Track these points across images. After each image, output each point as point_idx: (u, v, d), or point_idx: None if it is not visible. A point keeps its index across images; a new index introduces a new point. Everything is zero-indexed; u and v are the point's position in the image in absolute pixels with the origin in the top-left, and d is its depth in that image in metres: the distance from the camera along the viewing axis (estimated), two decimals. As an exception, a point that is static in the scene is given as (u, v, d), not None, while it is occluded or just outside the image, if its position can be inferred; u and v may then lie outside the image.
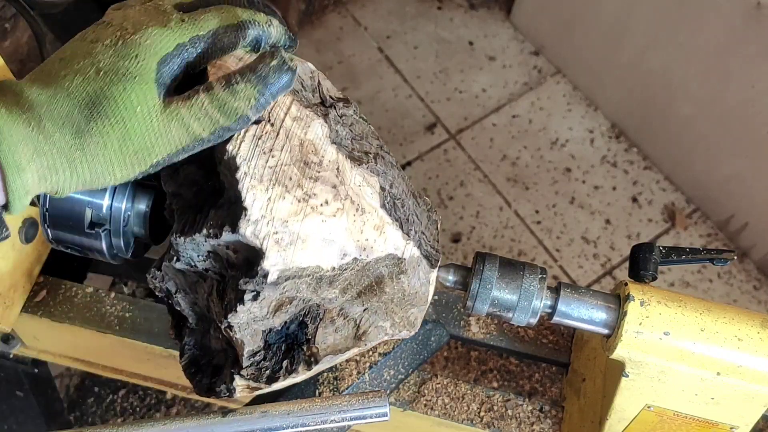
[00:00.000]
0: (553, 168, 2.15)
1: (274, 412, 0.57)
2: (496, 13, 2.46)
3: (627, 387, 0.66)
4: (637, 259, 0.66)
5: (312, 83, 0.57)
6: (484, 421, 0.83)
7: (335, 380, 0.79)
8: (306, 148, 0.51)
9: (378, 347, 0.81)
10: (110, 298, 0.92)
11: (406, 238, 0.57)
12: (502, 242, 2.01)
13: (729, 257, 0.66)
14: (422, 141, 2.18)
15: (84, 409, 1.72)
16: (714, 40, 1.81)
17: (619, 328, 0.62)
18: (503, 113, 2.25)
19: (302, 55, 0.57)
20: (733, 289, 1.98)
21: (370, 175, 0.56)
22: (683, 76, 1.94)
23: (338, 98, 0.57)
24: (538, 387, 0.90)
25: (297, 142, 0.51)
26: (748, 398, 0.64)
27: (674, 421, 0.69)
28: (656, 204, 2.10)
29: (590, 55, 2.19)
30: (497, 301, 0.62)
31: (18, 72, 0.73)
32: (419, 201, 0.62)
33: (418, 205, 0.61)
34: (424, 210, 0.62)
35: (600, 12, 2.08)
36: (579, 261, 2.00)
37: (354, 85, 2.26)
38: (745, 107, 1.82)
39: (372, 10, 2.45)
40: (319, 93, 0.56)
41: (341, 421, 0.57)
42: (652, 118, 2.10)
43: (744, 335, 0.62)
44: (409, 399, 0.84)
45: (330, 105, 0.56)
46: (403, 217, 0.58)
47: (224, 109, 0.46)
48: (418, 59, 2.34)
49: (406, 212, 0.58)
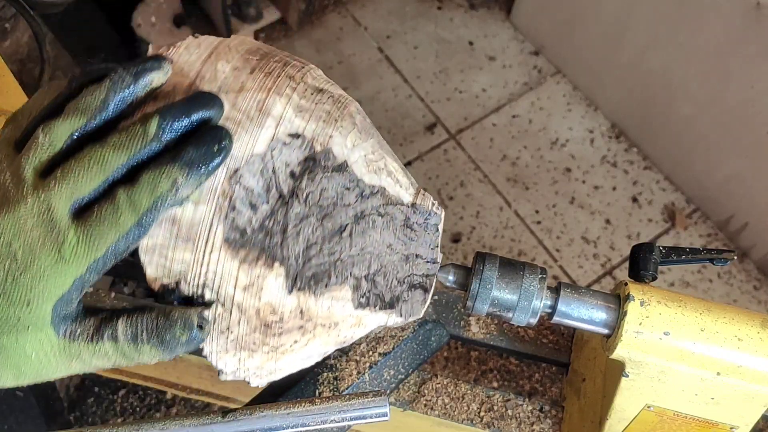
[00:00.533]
0: (553, 168, 2.15)
1: (274, 412, 0.57)
2: (496, 13, 2.46)
3: (627, 387, 0.66)
4: (637, 259, 0.66)
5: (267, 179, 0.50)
6: (484, 421, 0.83)
7: (335, 380, 0.79)
8: (263, 313, 0.51)
9: (378, 347, 0.81)
10: (110, 298, 0.92)
11: (389, 310, 0.57)
12: (502, 242, 2.01)
13: (729, 257, 0.66)
14: (422, 141, 2.18)
15: (84, 409, 1.72)
16: (714, 40, 1.81)
17: (619, 328, 0.62)
18: (503, 113, 2.25)
19: (302, 55, 0.57)
20: (733, 289, 1.98)
21: (339, 288, 0.53)
22: (683, 76, 1.94)
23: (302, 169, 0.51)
24: (538, 387, 0.90)
25: (253, 312, 0.51)
26: (748, 398, 0.64)
27: (674, 421, 0.69)
28: (656, 204, 2.10)
29: (590, 55, 2.19)
30: (497, 301, 0.62)
31: (18, 72, 0.73)
32: (411, 228, 0.58)
33: (410, 239, 0.58)
34: (421, 233, 0.59)
35: (600, 12, 2.08)
36: (579, 261, 2.00)
37: (354, 85, 2.26)
38: (745, 107, 1.82)
39: (372, 10, 2.45)
40: (275, 186, 0.50)
41: (341, 421, 0.57)
42: (652, 118, 2.10)
43: (744, 335, 0.62)
44: (409, 399, 0.84)
45: (291, 195, 0.50)
46: (384, 288, 0.56)
47: (128, 356, 0.44)
48: (418, 59, 2.35)
49: (388, 281, 0.57)
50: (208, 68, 0.51)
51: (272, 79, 0.52)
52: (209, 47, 0.53)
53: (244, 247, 0.49)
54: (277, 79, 0.52)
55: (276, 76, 0.52)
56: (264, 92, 0.51)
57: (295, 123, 0.51)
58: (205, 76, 0.50)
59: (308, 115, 0.52)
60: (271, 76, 0.52)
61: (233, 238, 0.48)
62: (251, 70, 0.52)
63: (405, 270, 0.58)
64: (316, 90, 0.54)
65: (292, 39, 2.31)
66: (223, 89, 0.50)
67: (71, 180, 0.41)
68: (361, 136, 0.55)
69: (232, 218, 0.48)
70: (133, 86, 0.44)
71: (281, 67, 0.53)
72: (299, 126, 0.51)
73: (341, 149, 0.52)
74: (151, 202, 0.41)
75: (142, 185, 0.41)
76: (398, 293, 0.58)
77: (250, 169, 0.48)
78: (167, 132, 0.43)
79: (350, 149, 0.53)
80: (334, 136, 0.52)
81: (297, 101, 0.52)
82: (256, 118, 0.49)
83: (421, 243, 0.59)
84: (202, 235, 0.48)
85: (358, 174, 0.53)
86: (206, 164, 0.43)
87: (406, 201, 0.57)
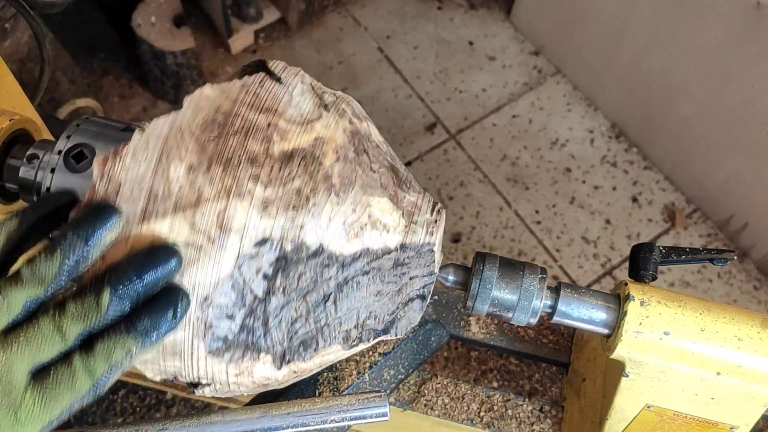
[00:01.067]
0: (553, 168, 2.15)
1: (274, 412, 0.57)
2: (496, 13, 2.46)
3: (627, 387, 0.66)
4: (637, 259, 0.66)
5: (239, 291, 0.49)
6: (484, 421, 0.83)
7: (335, 380, 0.79)
8: (258, 382, 0.53)
9: (378, 347, 0.81)
10: None
11: (384, 335, 0.58)
12: (502, 242, 2.01)
13: (729, 257, 0.66)
14: (422, 141, 2.18)
15: (84, 409, 1.72)
16: (714, 40, 1.81)
17: (619, 328, 0.62)
18: (503, 113, 2.25)
19: (302, 55, 0.56)
20: (733, 289, 1.98)
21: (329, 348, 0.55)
22: (683, 76, 1.94)
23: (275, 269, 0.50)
24: (538, 387, 0.90)
25: (248, 384, 0.53)
26: (748, 398, 0.64)
27: (674, 421, 0.69)
28: (656, 204, 2.10)
29: (590, 55, 2.19)
30: (497, 301, 0.62)
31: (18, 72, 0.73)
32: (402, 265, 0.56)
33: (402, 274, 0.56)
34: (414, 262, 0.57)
35: (600, 12, 2.08)
36: (579, 261, 2.00)
37: (354, 85, 2.26)
38: (745, 107, 1.82)
39: (372, 10, 2.45)
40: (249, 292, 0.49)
41: (341, 421, 0.57)
42: (652, 118, 2.10)
43: (744, 335, 0.62)
44: (409, 399, 0.84)
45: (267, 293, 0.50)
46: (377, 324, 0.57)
47: None
48: (418, 59, 2.35)
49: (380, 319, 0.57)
50: (160, 181, 0.48)
51: (231, 173, 0.47)
52: (158, 142, 0.49)
53: (229, 350, 0.50)
54: (237, 171, 0.48)
55: (236, 165, 0.48)
56: (223, 199, 0.47)
57: (261, 227, 0.48)
58: (157, 194, 0.47)
59: (275, 209, 0.48)
60: (230, 168, 0.48)
61: (216, 348, 0.49)
62: (208, 163, 0.48)
63: (398, 300, 0.57)
64: (284, 158, 0.49)
65: (292, 39, 2.30)
66: (179, 206, 0.47)
67: (33, 346, 0.42)
68: (339, 197, 0.51)
69: (212, 332, 0.49)
70: (85, 249, 0.44)
71: (242, 145, 0.48)
72: (265, 229, 0.48)
73: (315, 234, 0.50)
74: (106, 368, 0.43)
75: (98, 353, 0.43)
76: (392, 318, 0.58)
77: (219, 291, 0.48)
78: (121, 302, 0.44)
79: (326, 227, 0.50)
80: (306, 224, 0.49)
81: (261, 195, 0.48)
82: (217, 239, 0.47)
83: (415, 267, 0.57)
84: (186, 352, 0.49)
85: (337, 250, 0.51)
86: (160, 330, 0.44)
87: (394, 245, 0.55)
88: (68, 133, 0.60)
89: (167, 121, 0.50)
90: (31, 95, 0.87)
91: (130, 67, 2.21)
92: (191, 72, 2.11)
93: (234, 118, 0.50)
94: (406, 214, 0.56)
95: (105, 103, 2.16)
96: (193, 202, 0.47)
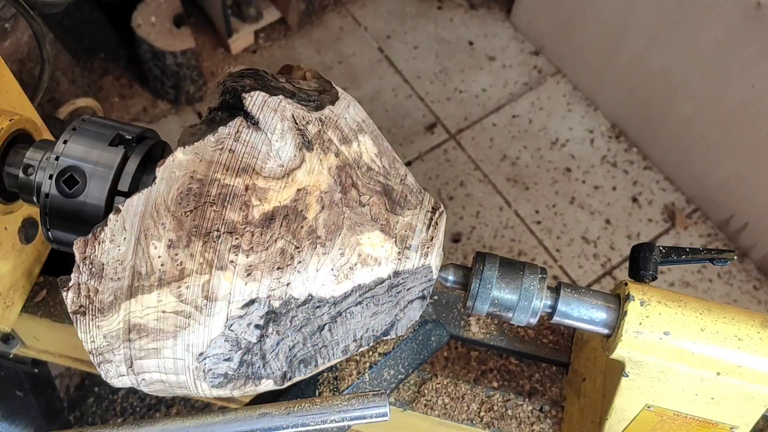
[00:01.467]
0: (553, 168, 2.15)
1: (274, 412, 0.57)
2: (496, 13, 2.46)
3: (627, 387, 0.66)
4: (637, 259, 0.66)
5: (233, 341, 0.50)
6: (484, 421, 0.83)
7: (335, 380, 0.79)
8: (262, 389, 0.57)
9: (378, 347, 0.81)
10: None
11: (384, 338, 0.60)
12: (502, 242, 2.01)
13: (729, 257, 0.66)
14: (422, 141, 2.18)
15: (84, 409, 1.72)
16: (714, 40, 1.81)
17: (619, 328, 0.62)
18: (503, 113, 2.25)
19: (302, 55, 0.56)
20: (733, 289, 1.98)
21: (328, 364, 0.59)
22: (683, 76, 1.94)
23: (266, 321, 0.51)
24: (538, 387, 0.90)
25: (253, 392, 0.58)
26: (748, 398, 0.64)
27: (674, 421, 0.69)
28: (656, 204, 2.10)
29: (590, 55, 2.19)
30: (497, 300, 0.62)
31: (18, 72, 0.73)
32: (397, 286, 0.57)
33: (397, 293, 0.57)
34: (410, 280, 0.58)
35: (600, 12, 2.08)
36: (579, 261, 2.00)
37: (354, 85, 2.26)
38: (745, 107, 1.82)
39: (372, 10, 2.45)
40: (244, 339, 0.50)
41: (341, 421, 0.57)
42: (652, 118, 2.10)
43: (744, 335, 0.62)
44: (409, 399, 0.84)
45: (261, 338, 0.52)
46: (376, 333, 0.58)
47: None
48: (418, 59, 2.35)
49: (378, 331, 0.59)
50: (142, 260, 0.48)
51: (211, 247, 0.48)
52: (135, 222, 0.49)
53: (231, 382, 0.53)
54: (217, 245, 0.48)
55: (215, 238, 0.48)
56: (206, 273, 0.48)
57: (246, 291, 0.49)
58: (141, 271, 0.48)
59: (259, 272, 0.49)
60: (210, 242, 0.48)
61: (218, 382, 0.52)
62: (187, 239, 0.48)
63: (396, 310, 0.58)
64: (265, 221, 0.49)
65: (292, 39, 2.30)
66: (164, 281, 0.48)
67: None
68: (325, 247, 0.51)
69: (212, 373, 0.51)
70: None
71: (220, 216, 0.48)
72: (251, 292, 0.49)
73: (303, 287, 0.50)
74: None
75: None
76: (392, 322, 0.58)
77: (213, 346, 0.50)
78: None
79: (313, 279, 0.51)
80: (293, 281, 0.50)
81: (244, 263, 0.48)
82: (204, 307, 0.48)
83: (412, 282, 0.57)
84: (190, 388, 0.52)
85: (327, 295, 0.52)
86: None
87: (387, 275, 0.55)
88: (65, 138, 0.61)
89: (142, 197, 0.49)
90: (31, 95, 0.87)
91: (130, 67, 2.21)
92: (191, 72, 2.11)
93: (210, 186, 0.49)
94: (399, 239, 0.56)
95: (105, 103, 2.16)
96: (176, 276, 0.48)
